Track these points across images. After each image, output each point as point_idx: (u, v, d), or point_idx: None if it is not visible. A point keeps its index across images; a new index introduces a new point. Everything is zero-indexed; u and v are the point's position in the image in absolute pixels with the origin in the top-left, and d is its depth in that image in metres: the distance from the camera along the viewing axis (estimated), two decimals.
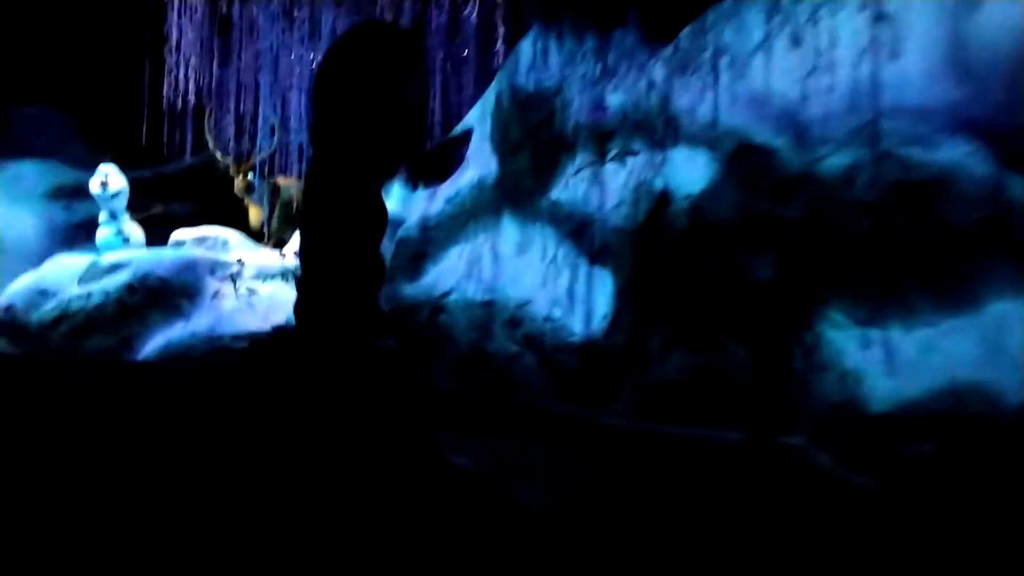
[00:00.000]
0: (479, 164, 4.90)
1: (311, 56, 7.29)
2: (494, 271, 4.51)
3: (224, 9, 7.68)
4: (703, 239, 2.93)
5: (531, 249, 4.13)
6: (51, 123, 13.04)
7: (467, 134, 5.24)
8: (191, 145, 8.25)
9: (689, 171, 2.99)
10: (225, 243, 7.28)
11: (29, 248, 11.11)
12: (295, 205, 8.07)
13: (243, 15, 7.65)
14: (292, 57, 7.56)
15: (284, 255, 7.02)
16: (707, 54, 3.36)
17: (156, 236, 7.89)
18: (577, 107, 3.98)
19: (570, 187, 3.86)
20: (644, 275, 3.20)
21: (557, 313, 3.66)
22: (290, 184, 7.96)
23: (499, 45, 6.22)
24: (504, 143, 4.66)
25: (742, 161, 2.85)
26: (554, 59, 4.38)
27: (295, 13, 7.39)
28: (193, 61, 7.79)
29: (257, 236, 7.74)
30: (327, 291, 1.50)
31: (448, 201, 4.91)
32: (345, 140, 1.55)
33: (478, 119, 5.15)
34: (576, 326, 3.51)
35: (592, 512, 2.19)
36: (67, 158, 12.45)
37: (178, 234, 7.30)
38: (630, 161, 3.41)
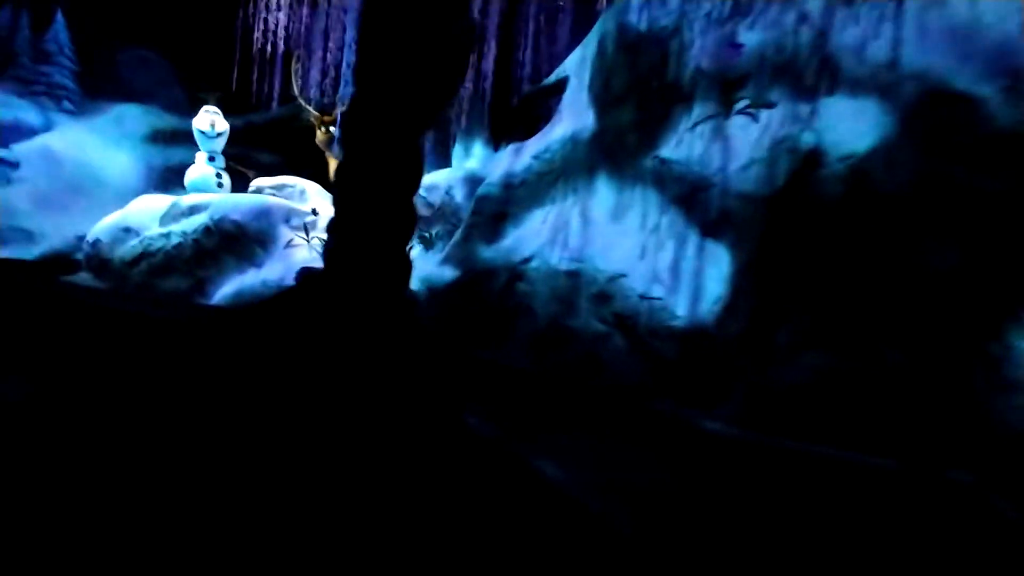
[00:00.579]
0: (574, 117, 4.36)
1: None
2: (583, 238, 3.99)
3: None
4: (864, 212, 2.27)
5: (629, 215, 3.58)
6: (152, 66, 13.40)
7: (559, 84, 4.69)
8: (278, 94, 8.08)
9: (851, 125, 2.33)
10: (303, 192, 7.10)
11: (128, 187, 11.49)
12: None
13: None
14: None
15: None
16: None
17: (239, 185, 7.86)
18: (698, 49, 3.36)
19: (684, 144, 3.26)
20: (775, 253, 2.59)
21: (657, 291, 3.11)
22: None
23: None
24: (605, 93, 4.09)
25: (929, 113, 2.17)
26: None
27: None
28: (282, 4, 7.56)
29: None
30: (357, 236, 1.53)
31: (536, 157, 4.41)
32: (384, 84, 1.54)
33: (575, 67, 4.59)
34: (679, 308, 2.95)
35: (684, 542, 1.68)
36: (166, 103, 12.79)
37: (258, 181, 7.18)
38: (765, 114, 2.77)
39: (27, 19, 11.85)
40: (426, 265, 4.78)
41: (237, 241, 5.78)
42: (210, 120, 6.61)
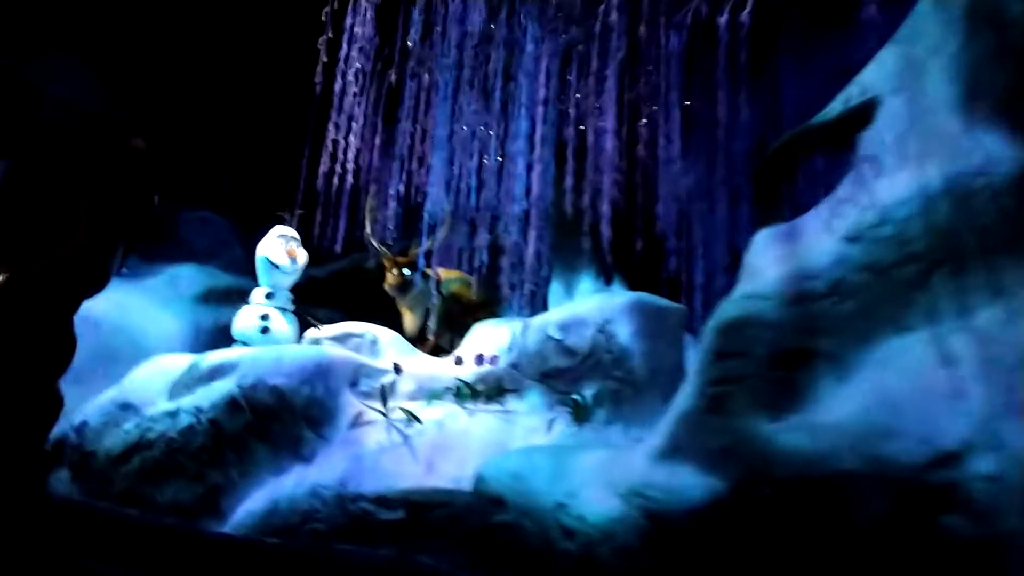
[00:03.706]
0: (922, 156, 2.21)
1: (491, 132, 5.22)
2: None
3: (393, 81, 5.97)
4: None
5: None
6: (211, 226, 12.48)
7: (849, 118, 2.60)
8: (343, 239, 6.29)
9: None
10: (374, 343, 5.03)
11: (170, 351, 9.83)
12: (461, 303, 5.82)
13: (414, 87, 5.86)
14: (468, 132, 5.55)
15: (460, 361, 4.61)
16: None
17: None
18: None
19: None
20: None
21: None
22: (454, 277, 5.76)
23: None
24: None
25: None
26: None
27: (474, 85, 5.44)
28: (354, 141, 6.04)
29: (414, 344, 5.50)
30: None
31: (854, 239, 2.22)
32: (24, 258, 1.44)
33: (890, 80, 2.50)
34: None
35: None
36: (223, 262, 11.63)
37: (313, 333, 5.20)
38: None
39: None
40: (623, 463, 2.48)
41: (277, 419, 3.64)
42: (285, 248, 4.74)
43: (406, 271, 5.69)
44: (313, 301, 8.75)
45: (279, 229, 5.14)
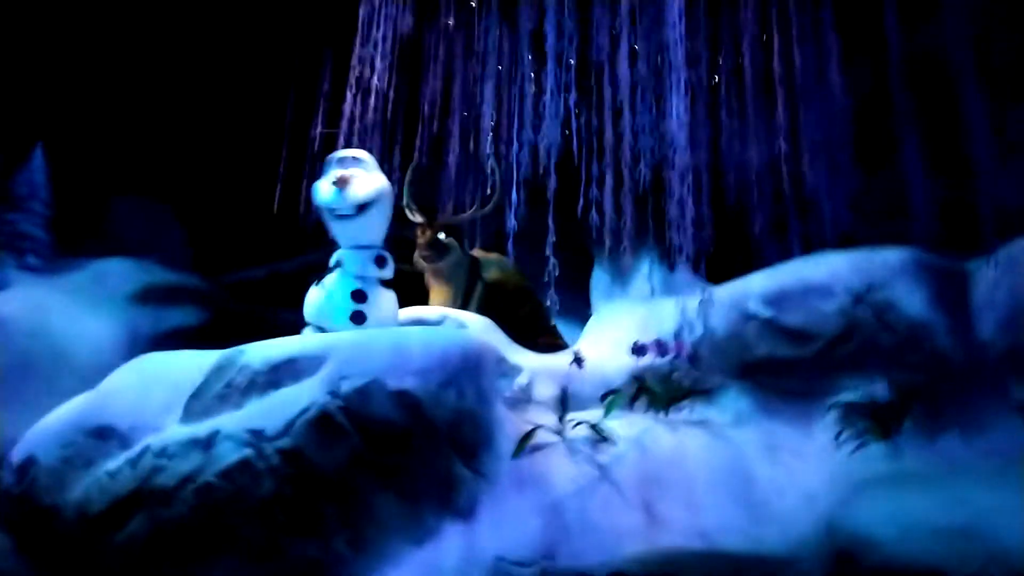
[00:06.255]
0: None
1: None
2: None
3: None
4: None
5: None
6: (147, 214, 10.42)
7: None
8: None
9: None
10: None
11: (101, 363, 7.73)
12: (506, 291, 4.42)
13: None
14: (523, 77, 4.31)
15: (580, 360, 3.09)
16: None
17: None
18: None
19: None
20: None
21: None
22: (493, 259, 4.41)
23: None
24: None
25: None
26: None
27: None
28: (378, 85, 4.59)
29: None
30: None
31: None
32: None
33: None
34: None
35: None
36: (163, 256, 9.61)
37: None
38: None
39: None
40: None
41: (407, 447, 2.10)
42: (337, 175, 2.98)
43: (442, 235, 4.23)
44: (276, 302, 6.96)
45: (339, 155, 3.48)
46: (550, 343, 3.91)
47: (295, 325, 3.63)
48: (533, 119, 4.15)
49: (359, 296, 2.83)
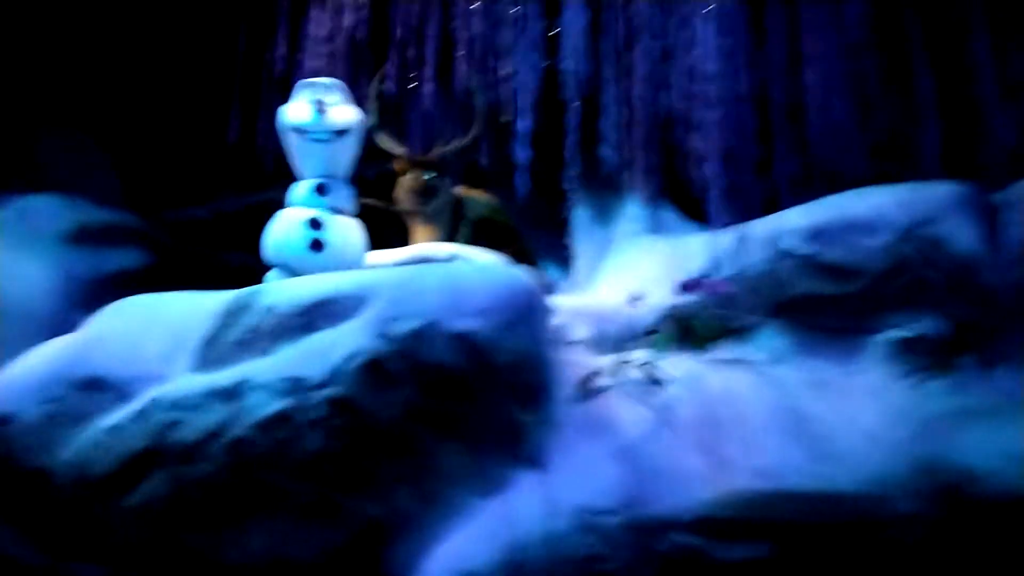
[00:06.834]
0: None
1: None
2: None
3: None
4: None
5: None
6: (78, 148, 9.41)
7: None
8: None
9: None
10: None
11: (32, 310, 7.07)
12: (495, 229, 4.26)
13: None
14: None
15: (638, 296, 3.00)
16: None
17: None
18: None
19: None
20: None
21: None
22: (478, 198, 4.22)
23: None
24: None
25: None
26: None
27: None
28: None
29: None
30: None
31: None
32: None
33: None
34: None
35: None
36: (96, 194, 8.73)
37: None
38: None
39: None
40: None
41: (468, 394, 1.92)
42: (313, 98, 2.74)
43: (427, 176, 3.99)
44: (220, 244, 6.48)
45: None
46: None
47: (250, 268, 3.35)
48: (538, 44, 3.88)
49: (315, 224, 2.74)
